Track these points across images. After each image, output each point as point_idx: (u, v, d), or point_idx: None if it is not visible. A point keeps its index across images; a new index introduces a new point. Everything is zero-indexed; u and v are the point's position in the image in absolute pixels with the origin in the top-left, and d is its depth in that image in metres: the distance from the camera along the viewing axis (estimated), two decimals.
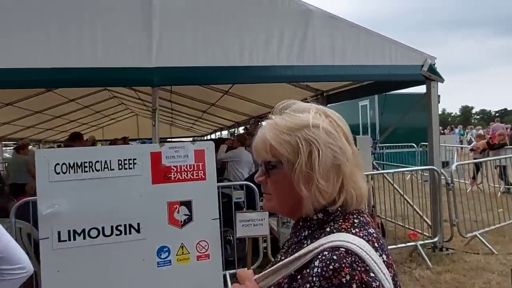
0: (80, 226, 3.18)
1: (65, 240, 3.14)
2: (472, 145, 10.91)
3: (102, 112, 14.48)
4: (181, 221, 3.42)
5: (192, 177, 3.45)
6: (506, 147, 9.52)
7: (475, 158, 9.89)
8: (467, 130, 26.65)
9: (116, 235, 3.25)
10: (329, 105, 7.73)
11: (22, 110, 10.28)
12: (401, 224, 5.48)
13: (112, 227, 3.24)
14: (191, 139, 19.73)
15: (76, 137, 4.93)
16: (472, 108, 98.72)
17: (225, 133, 16.10)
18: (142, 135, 18.15)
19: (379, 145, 13.93)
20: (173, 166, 3.40)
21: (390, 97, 12.40)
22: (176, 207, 3.41)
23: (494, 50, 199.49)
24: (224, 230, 3.95)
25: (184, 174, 3.43)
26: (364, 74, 4.20)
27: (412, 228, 5.25)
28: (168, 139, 19.32)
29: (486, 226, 5.49)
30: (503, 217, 5.84)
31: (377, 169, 5.64)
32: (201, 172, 3.47)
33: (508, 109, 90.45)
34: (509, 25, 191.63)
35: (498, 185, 8.71)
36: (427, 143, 5.13)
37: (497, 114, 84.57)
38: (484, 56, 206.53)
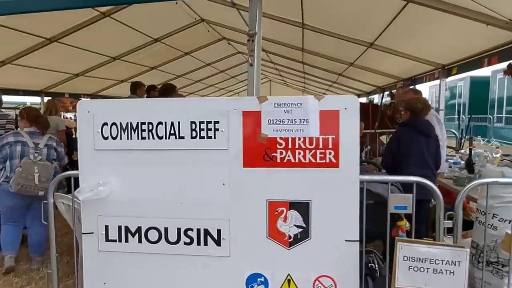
0: (134, 221, 2.03)
1: (115, 240, 2.05)
2: None
3: (237, 77, 14.28)
4: (290, 237, 1.94)
5: (313, 161, 1.89)
6: None
7: None
8: None
9: (185, 243, 2.00)
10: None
11: (165, 74, 10.52)
12: None
13: (179, 230, 2.00)
14: None
15: (167, 90, 3.77)
16: None
17: (362, 100, 13.51)
18: None
19: None
20: (281, 138, 1.90)
21: None
22: (282, 211, 1.93)
23: None
24: (366, 253, 2.31)
25: (299, 154, 1.89)
26: None
27: None
28: None
29: None
30: None
31: None
32: (330, 154, 1.88)
33: None
34: None
35: None
36: None
37: None
38: None
